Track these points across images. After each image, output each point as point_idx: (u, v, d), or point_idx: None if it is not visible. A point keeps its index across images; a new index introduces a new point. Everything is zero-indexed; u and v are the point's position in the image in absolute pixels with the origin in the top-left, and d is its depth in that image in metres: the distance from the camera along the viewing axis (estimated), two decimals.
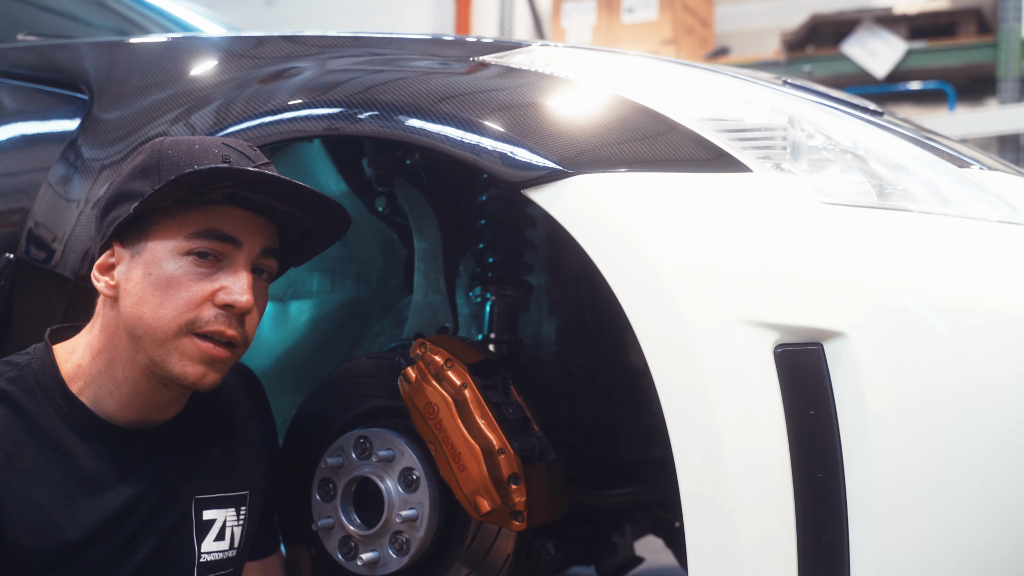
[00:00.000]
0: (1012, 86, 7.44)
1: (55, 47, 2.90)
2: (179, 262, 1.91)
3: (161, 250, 1.92)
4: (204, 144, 1.94)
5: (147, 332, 1.91)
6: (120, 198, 1.94)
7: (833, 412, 1.80)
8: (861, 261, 1.84)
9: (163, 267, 1.91)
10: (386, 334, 2.96)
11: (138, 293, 1.92)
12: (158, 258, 1.92)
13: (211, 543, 2.12)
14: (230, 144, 1.96)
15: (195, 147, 1.93)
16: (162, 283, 1.91)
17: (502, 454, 2.11)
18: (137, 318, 1.91)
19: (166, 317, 1.90)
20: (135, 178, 1.93)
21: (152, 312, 1.90)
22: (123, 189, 1.94)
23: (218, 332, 1.92)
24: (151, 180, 1.89)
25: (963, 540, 1.80)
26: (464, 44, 2.46)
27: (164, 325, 1.90)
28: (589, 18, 8.47)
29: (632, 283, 1.87)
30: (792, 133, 2.01)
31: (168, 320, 1.90)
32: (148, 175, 1.91)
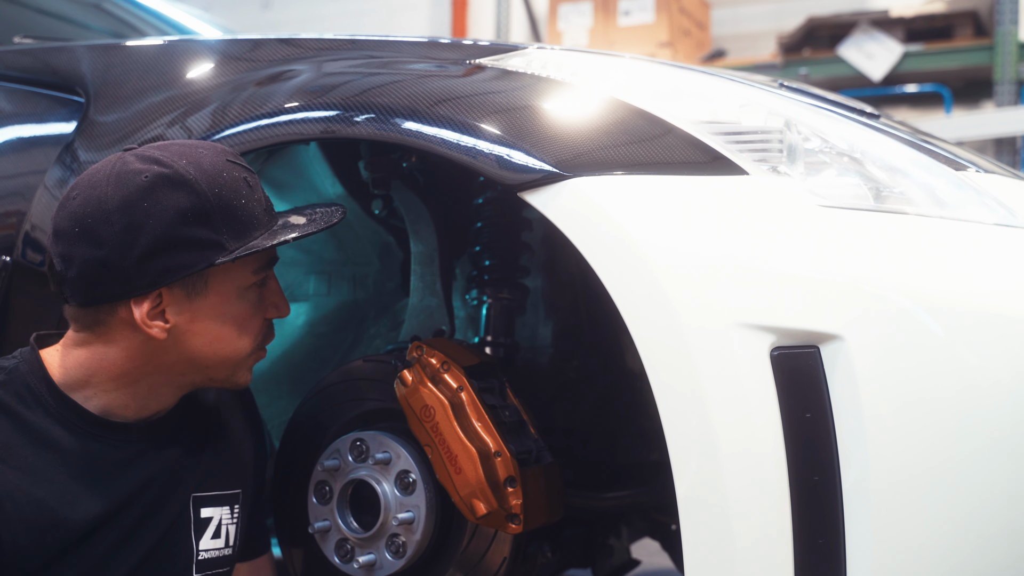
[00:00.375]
0: (1008, 89, 7.44)
1: (51, 50, 2.90)
2: (248, 295, 2.01)
3: (230, 289, 1.98)
4: (228, 170, 1.95)
5: (224, 362, 2.01)
6: (177, 244, 1.90)
7: (829, 415, 1.80)
8: (857, 264, 1.84)
9: (236, 305, 1.99)
10: (382, 337, 2.96)
11: (212, 332, 1.98)
12: (229, 298, 1.98)
13: (208, 540, 2.14)
14: (233, 159, 1.99)
15: (223, 176, 1.94)
16: (238, 319, 1.99)
17: (498, 457, 2.11)
18: (215, 353, 1.99)
19: (245, 346, 2.02)
20: (191, 223, 1.89)
21: (231, 345, 2.00)
22: (179, 235, 1.89)
23: (269, 340, 2.08)
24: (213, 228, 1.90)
25: (959, 542, 1.80)
26: (460, 47, 2.46)
27: (243, 352, 2.02)
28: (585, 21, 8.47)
29: (628, 286, 1.87)
30: (788, 136, 2.01)
31: (247, 348, 2.02)
32: (208, 221, 1.90)
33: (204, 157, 1.95)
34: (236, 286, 1.97)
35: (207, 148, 1.99)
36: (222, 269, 1.94)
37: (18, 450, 1.91)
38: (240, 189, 1.94)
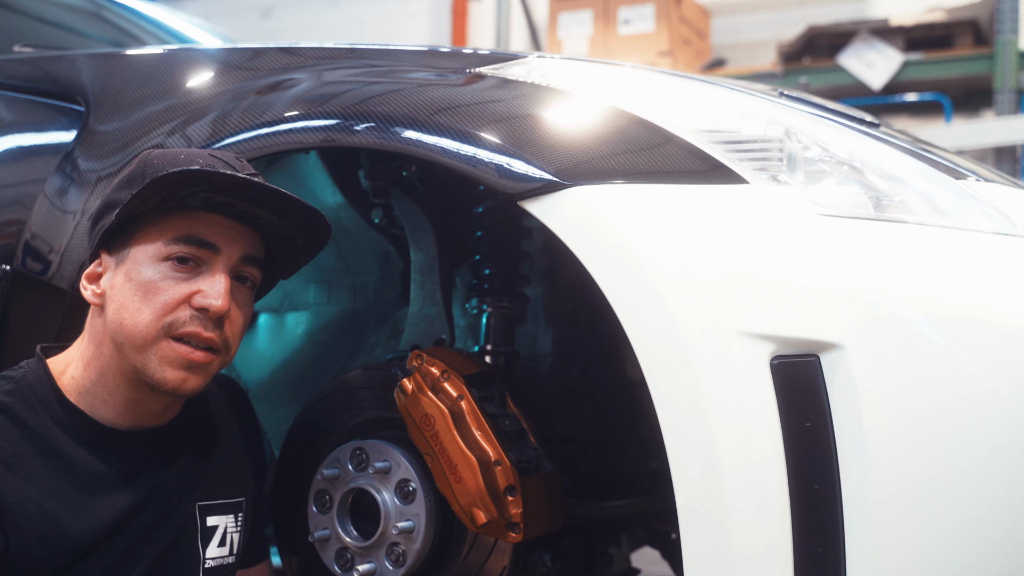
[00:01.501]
0: (1008, 97, 7.44)
1: (51, 59, 2.90)
2: (158, 267, 1.94)
3: (142, 256, 1.94)
4: (190, 154, 1.96)
5: (128, 337, 1.93)
6: (107, 208, 1.97)
7: (829, 423, 1.80)
8: (857, 273, 1.84)
9: (143, 272, 1.93)
10: (382, 346, 2.96)
11: (120, 299, 1.94)
12: (138, 264, 1.94)
13: (215, 549, 2.15)
14: (217, 155, 1.98)
15: (180, 157, 1.94)
16: (141, 288, 1.93)
17: (498, 466, 2.11)
18: (119, 324, 1.94)
19: (144, 321, 1.92)
20: (121, 188, 1.96)
21: (131, 317, 1.93)
22: (110, 199, 1.97)
23: (194, 334, 1.94)
24: (134, 188, 1.90)
25: (959, 551, 1.80)
26: (460, 56, 2.47)
27: (143, 329, 1.92)
28: (585, 30, 8.47)
29: (628, 295, 1.87)
30: (788, 145, 2.01)
31: (146, 324, 1.92)
32: (133, 184, 1.93)
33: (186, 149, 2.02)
34: (149, 254, 1.94)
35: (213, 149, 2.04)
36: (143, 235, 1.94)
37: (28, 459, 1.92)
38: (188, 165, 1.90)
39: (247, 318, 2.04)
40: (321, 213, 2.03)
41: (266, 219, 1.99)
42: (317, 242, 2.09)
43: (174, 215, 1.94)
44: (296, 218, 2.01)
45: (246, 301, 2.03)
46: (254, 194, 1.95)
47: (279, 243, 2.06)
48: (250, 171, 1.99)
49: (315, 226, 2.05)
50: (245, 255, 2.00)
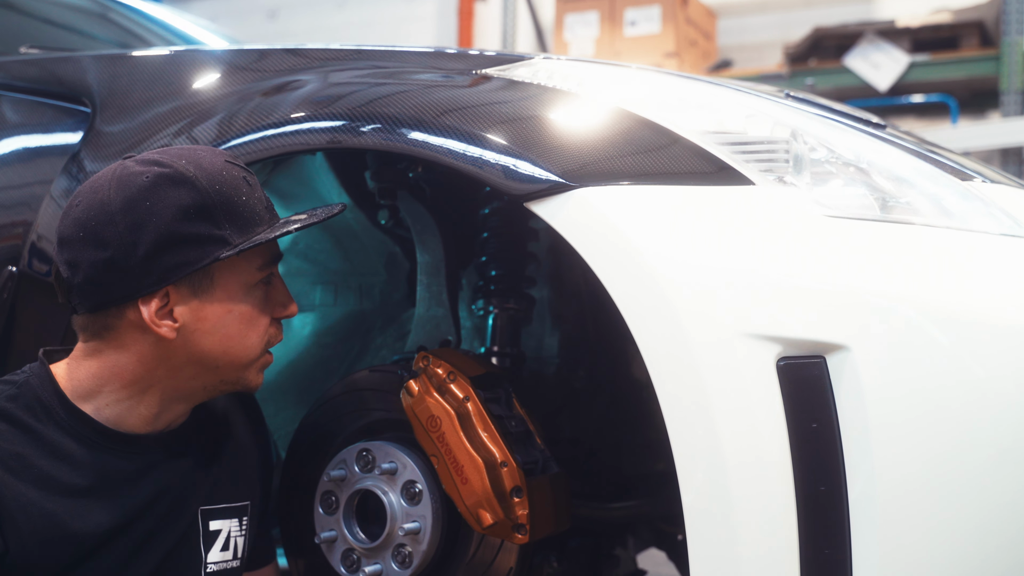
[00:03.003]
0: (1015, 99, 7.43)
1: (58, 60, 2.90)
2: (254, 293, 2.01)
3: (236, 286, 1.98)
4: (227, 169, 1.98)
5: (233, 361, 2.01)
6: (181, 241, 1.91)
7: (836, 425, 1.80)
8: (864, 274, 1.84)
9: (243, 302, 2.00)
10: (389, 347, 2.96)
11: (222, 330, 1.98)
12: (236, 294, 1.99)
13: (217, 553, 2.15)
14: (231, 160, 2.02)
15: (224, 175, 1.96)
16: (245, 317, 2.00)
17: (505, 467, 2.11)
18: (224, 352, 1.99)
19: (254, 345, 2.03)
20: (193, 219, 1.91)
21: (240, 343, 2.00)
22: (182, 231, 1.91)
23: (278, 341, 2.08)
24: (216, 223, 1.92)
25: (966, 553, 1.80)
26: (467, 57, 2.47)
27: (252, 351, 2.03)
28: (592, 31, 8.47)
29: (635, 296, 1.87)
30: (795, 146, 2.01)
31: (255, 346, 2.03)
32: (211, 217, 1.92)
33: (203, 157, 1.97)
34: (242, 283, 1.98)
35: (205, 150, 2.03)
36: (227, 266, 1.96)
37: (31, 462, 1.91)
38: (240, 186, 1.97)
39: None
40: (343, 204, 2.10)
41: None
42: None
43: None
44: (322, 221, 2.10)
45: None
46: None
47: None
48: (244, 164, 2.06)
49: None
50: None
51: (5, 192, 2.61)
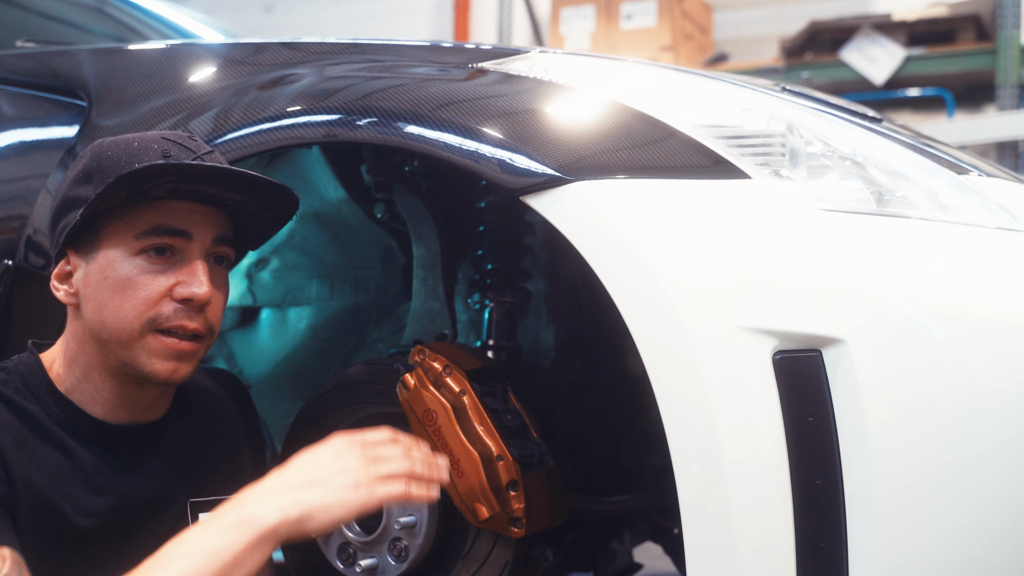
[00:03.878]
0: (1011, 92, 7.43)
1: (54, 54, 2.90)
2: (133, 262, 1.92)
3: (114, 253, 1.93)
4: (143, 141, 1.95)
5: (112, 335, 1.93)
6: (67, 205, 1.95)
7: (832, 419, 1.80)
8: (860, 268, 1.84)
9: (118, 269, 1.92)
10: (385, 341, 2.96)
11: (98, 298, 1.93)
12: (112, 261, 1.93)
13: None
14: (169, 137, 1.97)
15: (134, 145, 1.94)
16: (119, 285, 1.92)
17: (501, 461, 2.11)
18: (100, 322, 1.93)
19: (127, 318, 1.92)
20: (78, 184, 1.94)
21: (113, 315, 1.92)
22: (69, 196, 1.95)
23: (179, 327, 1.93)
24: (94, 185, 1.90)
25: (962, 547, 1.80)
26: (462, 51, 2.47)
27: (127, 326, 1.92)
28: (588, 25, 8.47)
29: (631, 290, 1.87)
30: (791, 140, 2.01)
31: (130, 320, 1.92)
32: (90, 179, 1.92)
33: (136, 134, 1.98)
34: (121, 251, 1.93)
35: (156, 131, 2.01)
36: (111, 230, 1.93)
37: (29, 442, 1.92)
38: (143, 155, 1.91)
39: (226, 298, 2.05)
40: (287, 188, 2.01)
41: (233, 199, 1.99)
42: (285, 214, 2.08)
43: (140, 207, 1.92)
44: (263, 195, 2.01)
45: (223, 281, 2.03)
46: (221, 179, 1.94)
47: (247, 219, 2.05)
48: (205, 149, 1.99)
49: (282, 199, 2.03)
50: (217, 237, 1.99)
51: (1, 186, 2.61)
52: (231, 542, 1.68)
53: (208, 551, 1.68)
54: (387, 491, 1.79)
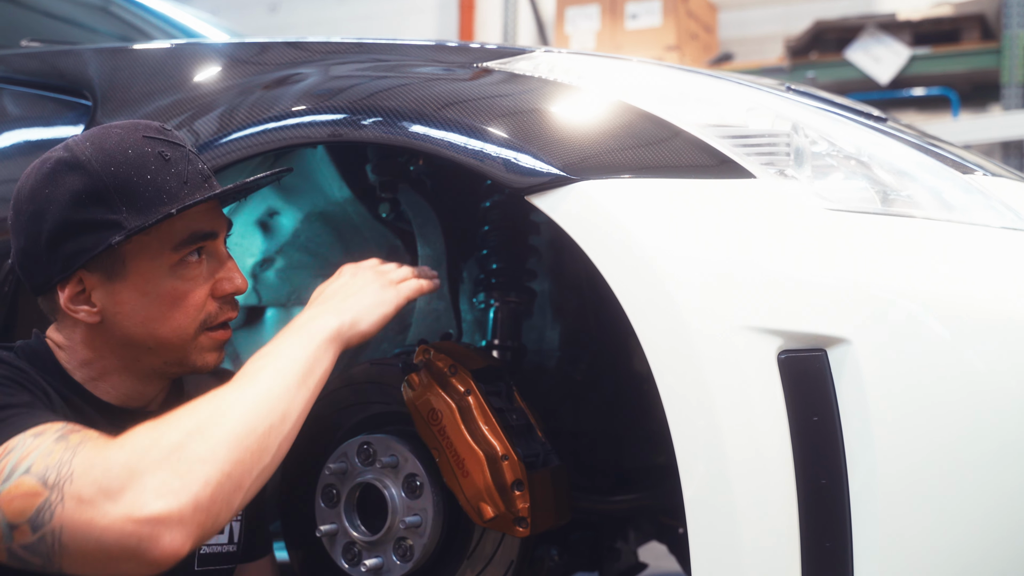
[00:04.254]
0: (1016, 92, 7.43)
1: (59, 53, 2.90)
2: (175, 273, 1.96)
3: (150, 267, 1.95)
4: (132, 146, 1.94)
5: (164, 343, 1.98)
6: (76, 228, 1.91)
7: (837, 418, 1.80)
8: (865, 267, 1.84)
9: (162, 283, 1.95)
10: (390, 340, 2.96)
11: (143, 312, 1.95)
12: (152, 276, 1.95)
13: None
14: (149, 134, 1.98)
15: (129, 153, 1.93)
16: (167, 298, 1.96)
17: (506, 460, 2.11)
18: (149, 335, 1.97)
19: (181, 326, 1.97)
20: (86, 205, 1.91)
21: (166, 325, 1.96)
22: (76, 218, 1.91)
23: (227, 320, 2.03)
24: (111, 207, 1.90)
25: (967, 546, 1.80)
26: (468, 50, 2.47)
27: (182, 332, 1.98)
28: (593, 24, 8.47)
29: (636, 289, 1.87)
30: (796, 139, 2.01)
31: (185, 327, 1.98)
32: (105, 201, 1.90)
33: (112, 137, 1.96)
34: (157, 264, 1.95)
35: (123, 127, 2.00)
36: (138, 248, 1.94)
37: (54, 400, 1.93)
38: (147, 165, 1.93)
39: None
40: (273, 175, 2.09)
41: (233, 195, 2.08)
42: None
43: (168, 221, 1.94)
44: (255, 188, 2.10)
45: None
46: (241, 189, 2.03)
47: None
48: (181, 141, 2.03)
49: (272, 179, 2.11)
50: (229, 226, 2.07)
51: (6, 185, 2.61)
52: (304, 349, 1.88)
53: (288, 359, 1.85)
54: (409, 288, 2.11)
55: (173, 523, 1.60)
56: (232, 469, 1.68)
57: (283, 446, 1.80)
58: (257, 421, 1.74)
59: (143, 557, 1.60)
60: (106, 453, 1.64)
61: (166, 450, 1.64)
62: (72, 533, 1.60)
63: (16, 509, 1.62)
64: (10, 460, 1.66)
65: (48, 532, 1.61)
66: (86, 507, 1.60)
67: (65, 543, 1.60)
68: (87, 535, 1.59)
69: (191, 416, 1.72)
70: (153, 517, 1.59)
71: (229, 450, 1.68)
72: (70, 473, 1.62)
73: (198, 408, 1.74)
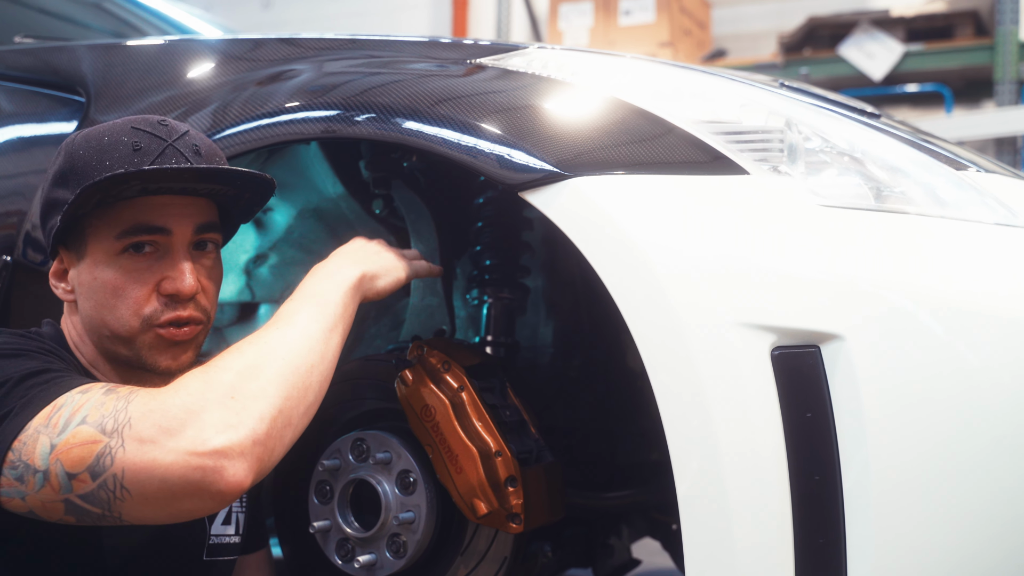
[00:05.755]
0: (1009, 88, 7.44)
1: (52, 49, 2.90)
2: (118, 263, 1.95)
3: (99, 254, 1.96)
4: (113, 134, 1.95)
5: (112, 333, 1.97)
6: (50, 207, 1.97)
7: (830, 414, 1.80)
8: (858, 263, 1.84)
9: (105, 271, 1.95)
10: (383, 337, 2.96)
11: (93, 297, 1.97)
12: (99, 262, 1.96)
13: (219, 526, 2.20)
14: (139, 126, 1.97)
15: (104, 140, 1.94)
16: (108, 287, 1.95)
17: (499, 456, 2.11)
18: (100, 321, 1.97)
19: (123, 318, 1.96)
20: (56, 185, 1.96)
21: (111, 314, 1.96)
22: (50, 197, 1.97)
23: (174, 319, 1.97)
24: (70, 187, 1.92)
25: (960, 543, 1.80)
26: (461, 47, 2.46)
27: (124, 325, 1.96)
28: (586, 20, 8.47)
29: (629, 286, 1.87)
30: (789, 135, 2.01)
31: (126, 320, 1.96)
32: (67, 182, 1.93)
33: (105, 126, 1.98)
34: (104, 252, 1.95)
35: (128, 119, 2.00)
36: (94, 231, 1.95)
37: None
38: (111, 151, 1.91)
39: (219, 279, 2.08)
40: (256, 173, 2.02)
41: (206, 189, 2.00)
42: (264, 192, 2.10)
43: (116, 207, 1.94)
44: (235, 182, 2.02)
45: (213, 265, 2.05)
46: (187, 176, 1.95)
47: (228, 202, 2.08)
48: (178, 132, 1.99)
49: (257, 182, 2.04)
50: (198, 226, 2.01)
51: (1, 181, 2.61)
52: (334, 294, 1.98)
53: (322, 303, 1.95)
54: (420, 264, 2.24)
55: (235, 455, 1.65)
56: (283, 405, 1.75)
57: (323, 385, 1.88)
58: (300, 360, 1.82)
59: (207, 491, 1.64)
60: (161, 397, 1.69)
61: (220, 390, 1.69)
62: (135, 475, 1.63)
63: (75, 458, 1.66)
64: (63, 414, 1.70)
65: (110, 477, 1.64)
66: (148, 447, 1.64)
67: (128, 486, 1.64)
68: (151, 474, 1.63)
69: (239, 358, 1.77)
70: (217, 450, 1.64)
71: (278, 387, 1.76)
72: (127, 419, 1.66)
73: (244, 350, 1.80)
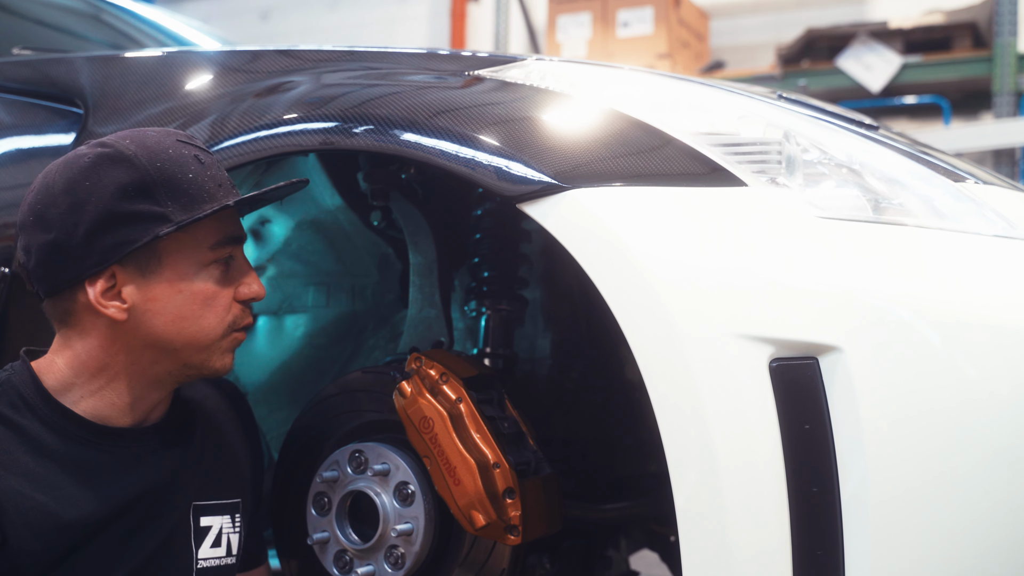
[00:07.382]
0: (1007, 100, 7.44)
1: (50, 61, 2.90)
2: (208, 273, 1.98)
3: (185, 265, 1.96)
4: (175, 148, 1.98)
5: (191, 342, 1.99)
6: (120, 220, 1.92)
7: (828, 426, 1.80)
8: (856, 275, 1.84)
9: (194, 283, 1.97)
10: (381, 348, 2.96)
11: (173, 310, 1.96)
12: (185, 274, 1.97)
13: (208, 549, 2.15)
14: (187, 141, 2.02)
15: (171, 153, 1.96)
16: (199, 298, 1.97)
17: (497, 468, 2.11)
18: (177, 333, 1.98)
19: (211, 325, 1.99)
20: (130, 198, 1.92)
21: (195, 324, 1.98)
22: (120, 210, 1.91)
23: (248, 324, 2.05)
24: (156, 200, 1.91)
25: (958, 554, 1.80)
26: (459, 58, 2.47)
27: (211, 333, 2.00)
28: (584, 32, 8.47)
29: (627, 297, 1.87)
30: (787, 147, 2.01)
31: (214, 327, 1.99)
32: (151, 194, 1.92)
33: (150, 137, 1.98)
34: (192, 262, 1.97)
35: (157, 131, 2.02)
36: (175, 244, 1.95)
37: (18, 456, 1.92)
38: (187, 164, 1.96)
39: None
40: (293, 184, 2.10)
41: None
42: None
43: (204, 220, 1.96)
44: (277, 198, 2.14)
45: None
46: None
47: None
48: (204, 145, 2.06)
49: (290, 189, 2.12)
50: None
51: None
52: None
53: None
54: None
55: None
56: None
57: None
58: None
59: None
60: None
61: None
62: None
63: None
64: None
65: None
66: None
67: None
68: None
69: None
70: None
71: None
72: None
73: None
